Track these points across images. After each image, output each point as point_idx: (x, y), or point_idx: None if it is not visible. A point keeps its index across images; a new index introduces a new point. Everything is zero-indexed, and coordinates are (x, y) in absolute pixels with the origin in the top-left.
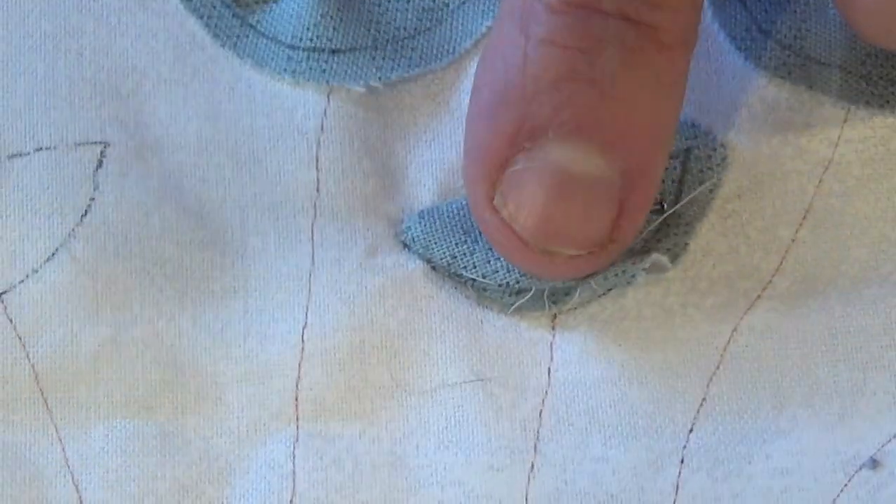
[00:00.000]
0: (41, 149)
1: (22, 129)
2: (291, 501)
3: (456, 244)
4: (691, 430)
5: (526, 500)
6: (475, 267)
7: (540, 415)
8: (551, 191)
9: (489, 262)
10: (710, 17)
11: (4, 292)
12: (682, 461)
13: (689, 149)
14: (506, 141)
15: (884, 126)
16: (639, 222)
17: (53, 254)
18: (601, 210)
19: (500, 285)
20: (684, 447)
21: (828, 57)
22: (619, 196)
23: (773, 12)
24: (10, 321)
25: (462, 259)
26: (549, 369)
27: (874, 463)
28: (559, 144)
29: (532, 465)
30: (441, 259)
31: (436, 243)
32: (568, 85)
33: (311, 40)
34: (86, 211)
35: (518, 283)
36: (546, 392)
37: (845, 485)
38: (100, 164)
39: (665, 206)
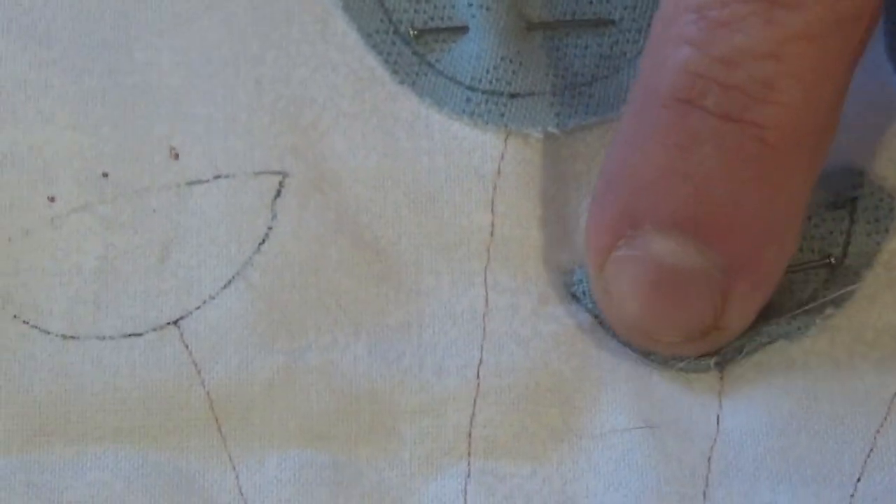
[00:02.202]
0: (220, 176)
1: (201, 155)
2: None
3: None
4: (859, 479)
5: None
6: None
7: (708, 461)
8: (648, 280)
9: None
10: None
11: (181, 318)
12: None
13: (854, 198)
14: (611, 227)
15: None
16: (749, 310)
17: (230, 281)
18: (699, 301)
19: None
20: (852, 496)
21: None
22: (721, 287)
23: None
24: (187, 347)
25: None
26: (717, 416)
27: None
28: (657, 236)
29: None
30: None
31: None
32: (664, 182)
33: (491, 83)
34: (263, 239)
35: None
36: (714, 439)
37: None
38: (278, 193)
39: (832, 259)
